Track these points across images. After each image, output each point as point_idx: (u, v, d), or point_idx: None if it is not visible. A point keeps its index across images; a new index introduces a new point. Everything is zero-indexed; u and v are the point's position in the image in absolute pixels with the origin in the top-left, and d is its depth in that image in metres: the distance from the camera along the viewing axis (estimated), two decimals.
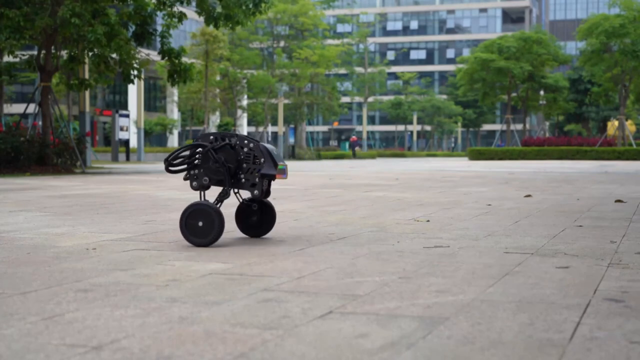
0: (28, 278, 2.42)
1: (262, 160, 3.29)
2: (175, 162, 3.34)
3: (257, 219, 3.56)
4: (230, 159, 3.30)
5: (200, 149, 3.32)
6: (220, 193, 3.34)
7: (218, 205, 3.29)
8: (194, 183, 3.33)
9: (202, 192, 3.36)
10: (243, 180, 3.32)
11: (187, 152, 3.34)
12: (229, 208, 5.49)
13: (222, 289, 2.21)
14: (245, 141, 3.32)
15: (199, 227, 3.20)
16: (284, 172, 3.32)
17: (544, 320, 1.81)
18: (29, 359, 1.46)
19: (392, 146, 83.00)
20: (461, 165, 23.48)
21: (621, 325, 1.76)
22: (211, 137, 3.34)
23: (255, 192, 3.32)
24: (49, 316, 1.84)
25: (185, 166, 3.33)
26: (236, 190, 3.46)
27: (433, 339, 1.63)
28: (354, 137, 50.48)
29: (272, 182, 3.78)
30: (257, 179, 3.31)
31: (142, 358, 1.47)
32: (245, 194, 3.88)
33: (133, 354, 1.49)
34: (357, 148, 50.11)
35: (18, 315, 1.85)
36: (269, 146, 3.35)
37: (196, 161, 3.32)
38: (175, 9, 17.10)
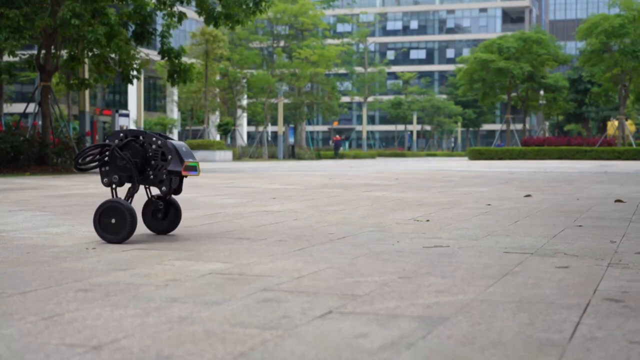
0: (28, 278, 2.42)
1: (170, 157, 3.34)
2: (85, 160, 3.38)
3: (162, 216, 3.61)
4: (137, 155, 3.35)
5: (107, 147, 3.37)
6: (129, 189, 3.40)
7: (129, 202, 3.34)
8: (105, 179, 3.39)
9: (114, 190, 3.41)
10: (151, 176, 3.38)
11: (96, 150, 3.40)
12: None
13: (222, 289, 2.21)
14: (153, 138, 3.37)
15: (112, 224, 3.26)
16: (193, 169, 3.37)
17: (543, 320, 1.81)
18: (29, 358, 1.46)
19: (392, 146, 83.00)
20: (461, 165, 23.48)
21: (621, 325, 1.76)
22: (121, 134, 3.40)
23: (163, 188, 3.39)
24: (49, 316, 1.84)
25: (95, 164, 3.39)
26: (147, 187, 3.52)
27: (433, 339, 1.63)
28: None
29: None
30: (164, 176, 3.36)
31: (141, 358, 1.47)
32: (156, 191, 3.93)
33: (133, 354, 1.49)
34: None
35: (18, 315, 1.85)
36: (178, 143, 3.40)
37: (105, 159, 3.37)
38: (175, 8, 17.10)
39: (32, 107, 17.70)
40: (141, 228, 3.77)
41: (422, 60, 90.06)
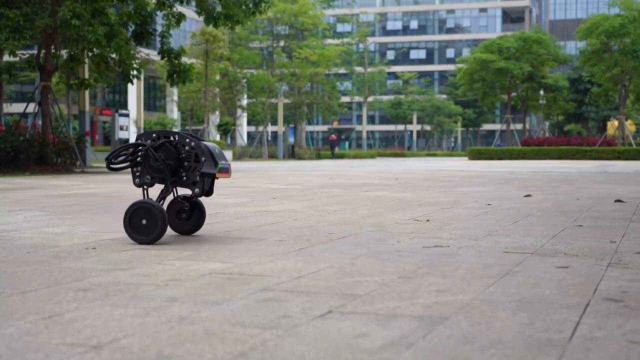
0: (28, 277, 2.42)
1: (203, 159, 3.32)
2: (117, 159, 3.37)
3: (187, 217, 3.59)
4: (170, 157, 3.34)
5: (141, 147, 3.35)
6: (161, 191, 3.38)
7: (161, 203, 3.33)
8: (137, 180, 3.38)
9: (146, 190, 3.39)
10: (184, 178, 3.36)
11: (129, 150, 3.39)
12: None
13: (222, 289, 2.21)
14: (187, 140, 3.35)
15: (143, 225, 3.24)
16: (226, 172, 3.35)
17: (543, 320, 1.81)
18: (29, 358, 1.46)
19: (391, 146, 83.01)
20: (461, 165, 23.48)
21: (621, 325, 1.76)
22: (153, 135, 3.38)
23: (196, 190, 3.37)
24: (49, 315, 1.84)
25: (127, 164, 3.37)
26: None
27: (433, 338, 1.63)
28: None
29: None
30: (197, 178, 3.34)
31: (141, 357, 1.47)
32: (182, 192, 3.91)
33: (133, 354, 1.49)
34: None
35: (18, 315, 1.85)
36: (211, 145, 3.38)
37: (138, 159, 3.35)
38: (175, 9, 17.10)
39: (32, 107, 17.70)
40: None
41: (422, 60, 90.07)
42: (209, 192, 3.43)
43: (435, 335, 1.65)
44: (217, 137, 51.45)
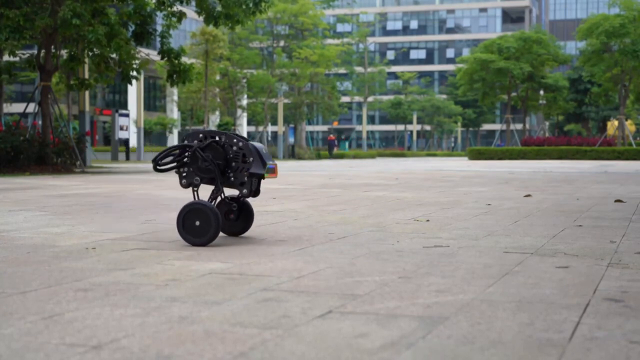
0: (28, 277, 2.42)
1: (251, 159, 3.29)
2: (163, 161, 3.34)
3: (235, 218, 3.55)
4: (218, 157, 3.31)
5: (188, 148, 3.32)
6: (212, 191, 3.35)
7: (213, 204, 3.30)
8: (184, 181, 3.34)
9: (196, 191, 3.36)
10: (232, 178, 3.33)
11: (176, 151, 3.34)
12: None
13: (222, 289, 2.21)
14: (234, 140, 3.31)
15: (197, 227, 3.20)
16: (273, 172, 3.32)
17: (543, 320, 1.81)
18: (29, 358, 1.46)
19: (391, 146, 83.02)
20: (461, 165, 23.48)
21: (621, 325, 1.76)
22: (200, 135, 3.34)
23: (244, 190, 3.33)
24: (49, 315, 1.84)
25: (174, 164, 3.34)
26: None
27: (433, 338, 1.63)
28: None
29: (263, 181, 3.80)
30: (245, 178, 3.31)
31: (141, 357, 1.47)
32: (229, 192, 3.86)
33: (133, 354, 1.49)
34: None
35: (18, 315, 1.85)
36: (258, 145, 3.35)
37: (185, 159, 3.32)
38: (175, 8, 17.11)
39: (32, 107, 17.70)
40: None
41: (422, 60, 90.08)
42: (256, 193, 3.38)
43: (435, 335, 1.65)
44: None
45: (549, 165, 21.44)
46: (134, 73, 17.14)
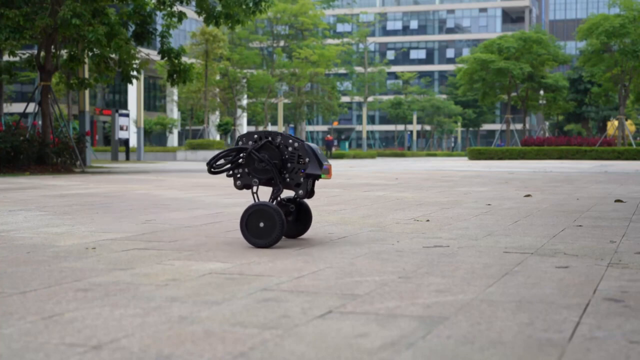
0: (27, 277, 2.42)
1: (307, 159, 3.26)
2: (218, 163, 3.31)
3: (293, 220, 3.52)
4: (274, 157, 3.27)
5: (243, 150, 3.28)
6: (272, 192, 3.30)
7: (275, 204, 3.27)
8: (238, 182, 3.31)
9: (255, 193, 3.30)
10: (288, 179, 3.29)
11: (233, 154, 3.30)
12: (232, 207, 5.49)
13: (222, 289, 2.21)
14: (290, 140, 3.27)
15: (261, 228, 3.16)
16: (328, 172, 3.30)
17: (543, 320, 1.80)
18: (29, 358, 1.46)
19: (391, 146, 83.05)
20: (461, 164, 23.48)
21: (621, 325, 1.76)
22: (255, 135, 3.31)
23: (300, 192, 3.28)
24: (49, 315, 1.84)
25: (228, 166, 3.31)
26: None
27: (433, 338, 1.63)
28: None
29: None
30: (302, 179, 3.28)
31: (141, 357, 1.47)
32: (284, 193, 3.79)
33: (132, 354, 1.49)
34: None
35: (17, 315, 1.85)
36: (313, 145, 3.31)
37: (240, 161, 3.29)
38: (175, 8, 17.11)
39: (32, 107, 17.72)
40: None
41: (422, 60, 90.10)
42: (311, 194, 3.36)
43: (435, 335, 1.65)
44: (217, 137, 51.47)
45: (549, 165, 21.44)
46: (134, 73, 17.15)
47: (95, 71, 17.51)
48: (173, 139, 60.05)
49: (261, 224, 3.16)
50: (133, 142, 41.81)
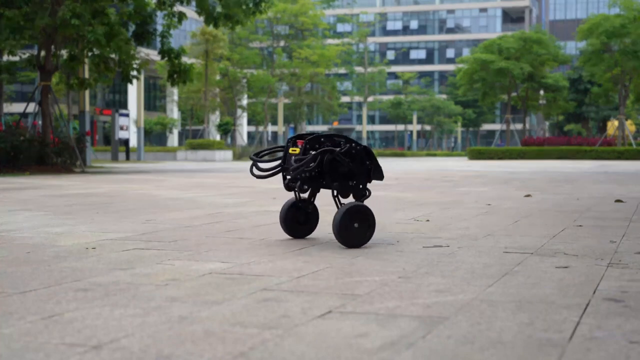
0: (27, 277, 2.42)
1: (374, 165, 3.31)
2: (268, 166, 3.30)
3: (303, 220, 3.53)
4: (356, 162, 3.28)
5: (329, 152, 3.23)
6: (355, 196, 3.31)
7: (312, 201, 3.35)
8: (304, 185, 3.27)
9: (338, 199, 3.30)
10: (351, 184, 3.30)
11: (313, 160, 3.23)
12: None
13: (222, 289, 2.21)
14: (353, 144, 3.29)
15: (355, 229, 3.18)
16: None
17: (543, 320, 1.80)
18: (29, 358, 1.46)
19: (391, 146, 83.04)
20: (461, 164, 23.48)
21: (621, 325, 1.76)
22: (321, 139, 3.29)
23: (362, 198, 3.32)
24: (49, 315, 1.84)
25: (275, 170, 3.30)
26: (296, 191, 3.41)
27: (433, 338, 1.63)
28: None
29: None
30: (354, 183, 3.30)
31: (141, 357, 1.47)
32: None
33: (132, 354, 1.49)
34: None
35: (17, 315, 1.85)
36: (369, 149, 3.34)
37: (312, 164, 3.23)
38: (175, 8, 17.12)
39: (32, 107, 17.71)
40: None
41: (422, 60, 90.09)
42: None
43: (435, 335, 1.65)
44: (217, 137, 51.48)
45: (549, 165, 21.43)
46: (134, 73, 17.15)
47: (95, 71, 17.52)
48: (173, 139, 60.05)
49: (356, 225, 3.18)
50: (133, 142, 41.82)
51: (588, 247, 3.22)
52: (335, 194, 3.31)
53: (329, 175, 3.25)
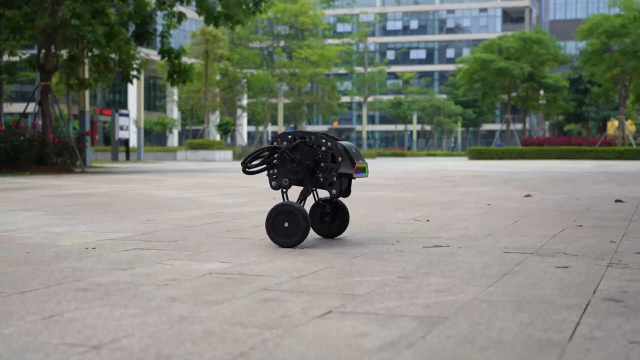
0: (27, 277, 2.42)
1: (340, 159, 3.25)
2: (253, 163, 3.32)
3: (330, 220, 3.51)
4: (307, 158, 3.28)
5: (277, 150, 3.29)
6: (301, 192, 3.32)
7: (302, 204, 3.28)
8: (273, 183, 3.32)
9: (285, 193, 3.33)
10: (321, 179, 3.29)
11: (266, 153, 3.31)
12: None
13: (222, 289, 2.21)
14: (323, 140, 3.28)
15: (285, 228, 3.18)
16: (363, 171, 3.28)
17: (543, 320, 1.80)
18: (29, 358, 1.46)
19: (392, 146, 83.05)
20: (461, 164, 23.48)
21: (621, 325, 1.76)
22: (289, 136, 3.32)
23: (333, 191, 3.29)
24: (49, 315, 1.84)
25: (263, 167, 3.32)
26: (314, 190, 3.43)
27: (433, 338, 1.63)
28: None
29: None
30: (334, 178, 3.28)
31: (141, 357, 1.47)
32: (321, 193, 3.78)
33: (132, 354, 1.49)
34: None
35: (17, 315, 1.85)
36: (347, 144, 3.30)
37: (274, 161, 3.31)
38: (175, 8, 17.12)
39: (32, 107, 17.71)
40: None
41: (422, 60, 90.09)
42: (346, 193, 3.35)
43: (435, 335, 1.65)
44: (217, 137, 51.48)
45: (549, 165, 21.44)
46: (134, 73, 17.15)
47: (95, 71, 17.52)
48: (173, 139, 60.05)
49: (286, 224, 3.17)
50: (133, 142, 41.82)
51: (588, 247, 3.22)
52: (285, 190, 3.33)
53: (279, 172, 3.29)
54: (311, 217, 3.51)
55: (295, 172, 3.28)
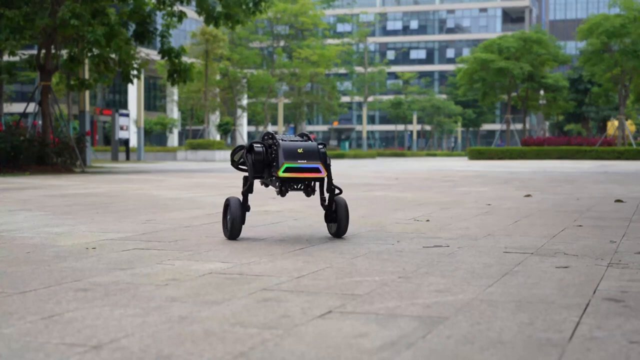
0: (27, 277, 2.42)
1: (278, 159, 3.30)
2: (240, 160, 3.52)
3: (330, 220, 3.54)
4: (260, 158, 3.37)
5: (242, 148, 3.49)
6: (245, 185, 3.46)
7: (244, 200, 3.41)
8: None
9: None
10: (273, 178, 3.38)
11: (243, 151, 3.50)
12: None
13: (222, 289, 2.21)
14: (275, 140, 3.33)
15: (225, 221, 3.43)
16: (294, 171, 3.23)
17: (543, 320, 1.80)
18: (29, 358, 1.46)
19: (392, 146, 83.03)
20: (461, 164, 23.48)
21: (621, 325, 1.76)
22: (265, 136, 3.44)
23: (277, 190, 3.39)
24: (49, 315, 1.84)
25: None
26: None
27: (433, 338, 1.63)
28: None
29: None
30: (273, 178, 3.34)
31: (141, 357, 1.47)
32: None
33: (132, 354, 1.49)
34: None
35: (17, 315, 1.85)
36: (289, 144, 3.27)
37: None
38: (175, 8, 17.11)
39: (32, 107, 17.70)
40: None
41: (422, 60, 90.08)
42: (282, 193, 3.37)
43: (435, 335, 1.65)
44: (217, 137, 51.50)
45: (549, 165, 21.44)
46: (134, 73, 17.14)
47: (95, 71, 17.52)
48: (173, 139, 60.05)
49: (228, 217, 3.37)
50: (133, 142, 41.81)
51: (588, 247, 3.22)
52: (264, 186, 3.51)
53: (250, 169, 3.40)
54: (325, 216, 3.55)
55: (249, 170, 3.39)
